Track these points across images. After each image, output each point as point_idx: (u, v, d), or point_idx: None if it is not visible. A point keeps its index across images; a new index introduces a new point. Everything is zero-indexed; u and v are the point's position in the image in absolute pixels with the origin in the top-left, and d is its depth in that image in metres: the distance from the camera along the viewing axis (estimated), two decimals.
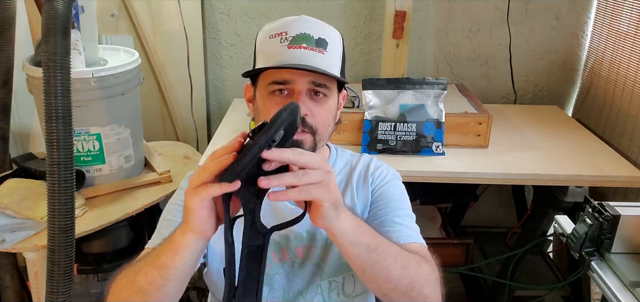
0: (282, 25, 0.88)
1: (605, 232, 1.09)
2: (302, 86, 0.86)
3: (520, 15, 1.99)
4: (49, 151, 1.12)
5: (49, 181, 1.13)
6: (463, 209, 2.10)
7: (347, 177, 0.99)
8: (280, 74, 0.85)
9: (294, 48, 0.85)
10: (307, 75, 0.85)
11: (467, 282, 2.06)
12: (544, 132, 1.73)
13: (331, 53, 0.88)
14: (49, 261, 1.15)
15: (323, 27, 0.89)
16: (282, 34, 0.86)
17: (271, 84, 0.86)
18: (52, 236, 1.14)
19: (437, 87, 1.51)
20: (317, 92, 0.88)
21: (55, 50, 1.08)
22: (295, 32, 0.86)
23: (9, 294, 1.63)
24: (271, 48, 0.87)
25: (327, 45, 0.88)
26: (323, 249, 0.93)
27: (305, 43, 0.85)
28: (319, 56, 0.86)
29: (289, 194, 0.64)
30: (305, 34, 0.86)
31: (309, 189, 0.64)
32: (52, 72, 1.08)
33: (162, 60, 1.97)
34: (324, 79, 0.87)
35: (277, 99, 0.87)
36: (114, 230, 1.41)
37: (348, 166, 1.02)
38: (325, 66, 0.85)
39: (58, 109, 1.10)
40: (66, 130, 1.12)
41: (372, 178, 0.98)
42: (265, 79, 0.88)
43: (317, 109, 0.88)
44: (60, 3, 1.09)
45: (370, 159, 1.03)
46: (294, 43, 0.85)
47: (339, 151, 1.04)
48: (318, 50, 0.86)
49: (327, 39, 0.88)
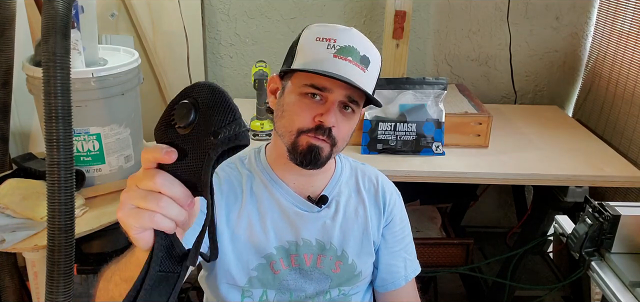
0: (331, 31, 0.87)
1: (605, 232, 1.09)
2: (337, 97, 0.85)
3: (520, 15, 1.99)
4: (48, 151, 1.11)
5: (48, 181, 1.12)
6: (463, 209, 2.10)
7: (356, 187, 1.00)
8: (320, 80, 0.85)
9: (340, 58, 0.84)
10: (346, 88, 0.85)
11: (467, 282, 2.06)
12: (544, 132, 1.73)
13: (371, 72, 0.88)
14: (49, 261, 1.15)
15: (369, 44, 0.89)
16: (330, 40, 0.85)
17: (308, 86, 0.85)
18: (52, 236, 1.14)
19: (437, 87, 1.51)
20: (347, 107, 0.88)
21: (55, 50, 1.08)
22: (343, 42, 0.85)
23: (9, 294, 1.63)
24: (317, 51, 0.86)
25: (369, 64, 0.87)
26: (334, 261, 0.94)
27: (351, 56, 0.85)
28: (361, 73, 0.86)
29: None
30: (353, 47, 0.86)
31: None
32: (52, 72, 1.08)
33: (162, 60, 1.97)
34: (358, 96, 0.87)
35: (309, 102, 0.86)
36: (114, 230, 1.41)
37: (353, 175, 1.02)
38: (364, 84, 0.85)
39: (58, 109, 1.09)
40: (66, 131, 1.11)
41: (384, 202, 1.01)
42: (302, 78, 0.86)
43: (343, 123, 0.88)
44: (60, 3, 1.09)
45: (377, 174, 1.04)
46: (341, 53, 0.85)
47: (342, 158, 1.04)
48: (361, 67, 0.86)
49: (370, 57, 0.88)
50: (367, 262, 0.98)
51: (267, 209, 0.92)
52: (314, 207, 0.94)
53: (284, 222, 0.92)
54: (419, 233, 1.78)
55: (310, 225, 0.93)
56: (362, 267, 0.97)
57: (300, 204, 0.94)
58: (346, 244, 0.95)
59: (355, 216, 0.97)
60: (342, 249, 0.95)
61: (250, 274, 0.90)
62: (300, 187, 0.95)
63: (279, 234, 0.92)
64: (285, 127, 0.88)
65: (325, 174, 0.97)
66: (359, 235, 0.97)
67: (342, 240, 0.95)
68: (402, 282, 1.01)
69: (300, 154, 0.86)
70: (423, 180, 1.45)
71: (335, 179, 0.98)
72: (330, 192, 0.97)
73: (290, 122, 0.87)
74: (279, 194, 0.93)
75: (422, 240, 1.71)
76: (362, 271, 0.97)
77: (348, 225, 0.96)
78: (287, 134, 0.88)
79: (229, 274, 0.90)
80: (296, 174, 0.94)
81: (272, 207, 0.92)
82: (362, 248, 0.97)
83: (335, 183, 0.98)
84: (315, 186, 0.96)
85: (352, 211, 0.97)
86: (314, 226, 0.94)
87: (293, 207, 0.93)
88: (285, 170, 0.94)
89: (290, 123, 0.87)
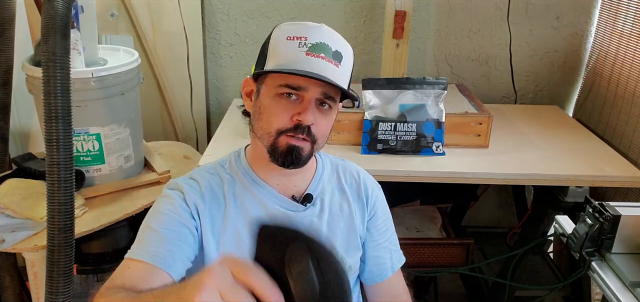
0: (302, 29, 0.86)
1: (605, 233, 1.09)
2: (313, 95, 0.85)
3: (520, 15, 1.99)
4: (48, 151, 1.12)
5: (48, 181, 1.13)
6: (463, 209, 2.10)
7: (338, 184, 1.01)
8: (296, 80, 0.84)
9: (312, 56, 0.84)
10: (321, 85, 0.85)
11: (467, 282, 2.06)
12: (544, 132, 1.73)
13: (344, 67, 0.88)
14: (49, 261, 1.15)
15: (340, 40, 0.89)
16: (302, 39, 0.85)
17: (283, 86, 0.85)
18: (51, 236, 1.14)
19: (437, 87, 1.51)
20: (324, 103, 0.88)
21: (55, 50, 1.08)
22: (315, 39, 0.85)
23: (9, 295, 1.63)
24: (289, 50, 0.85)
25: (342, 59, 0.87)
26: None
27: (323, 53, 0.85)
28: (335, 69, 0.86)
29: None
30: (325, 43, 0.85)
31: None
32: (51, 72, 1.08)
33: (162, 60, 1.97)
34: (334, 92, 0.87)
35: (285, 102, 0.86)
36: (114, 230, 1.41)
37: (334, 171, 1.03)
38: (338, 79, 0.85)
39: (58, 109, 1.10)
40: (66, 131, 1.12)
41: (366, 196, 1.02)
42: (276, 79, 0.86)
43: (321, 120, 0.88)
44: (60, 3, 1.09)
45: (358, 170, 1.06)
46: (313, 50, 0.84)
47: (322, 155, 1.04)
48: (334, 63, 0.86)
49: (343, 53, 0.88)
50: (355, 256, 1.00)
51: (252, 214, 0.92)
52: (299, 206, 0.94)
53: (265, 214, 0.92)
54: (419, 233, 1.77)
55: (297, 224, 0.93)
56: (351, 262, 0.98)
57: (285, 205, 0.94)
58: (334, 240, 0.96)
59: (340, 212, 0.98)
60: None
61: None
62: (283, 187, 0.95)
63: None
64: (263, 129, 0.88)
65: (307, 173, 0.98)
66: (345, 230, 0.98)
67: (330, 236, 0.96)
68: (389, 273, 1.03)
69: (281, 155, 0.87)
70: (423, 180, 1.45)
71: (318, 177, 0.99)
72: (314, 190, 0.97)
73: (268, 123, 0.87)
74: (263, 196, 0.93)
75: (422, 240, 1.71)
76: (351, 266, 0.98)
77: (334, 221, 0.97)
78: (266, 136, 0.88)
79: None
80: (279, 175, 0.94)
81: (257, 210, 0.92)
82: (350, 243, 0.98)
83: (318, 181, 0.98)
84: (298, 185, 0.96)
85: (337, 208, 0.98)
86: (301, 225, 0.93)
87: (279, 208, 0.93)
88: (267, 171, 0.94)
89: (268, 125, 0.87)
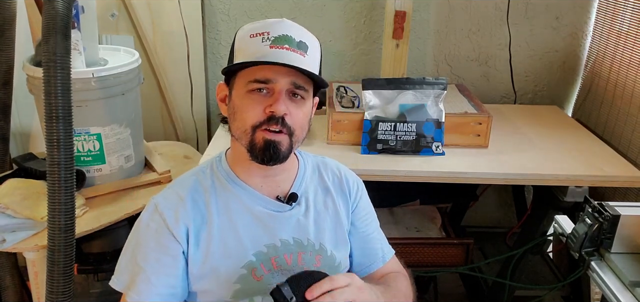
0: (263, 25, 0.87)
1: (605, 232, 1.09)
2: (283, 86, 0.86)
3: (520, 15, 1.99)
4: (49, 151, 1.12)
5: (49, 181, 1.13)
6: (463, 209, 2.10)
7: (321, 181, 1.02)
8: (263, 72, 0.85)
9: (276, 48, 0.85)
10: (289, 75, 0.85)
11: (467, 282, 2.06)
12: (544, 132, 1.73)
13: (311, 57, 0.89)
14: (49, 261, 1.15)
15: (303, 31, 0.90)
16: (264, 34, 0.86)
17: (252, 82, 0.86)
18: (52, 235, 1.14)
19: (437, 87, 1.51)
20: (296, 94, 0.88)
21: (56, 50, 1.08)
22: (277, 33, 0.86)
23: (9, 294, 1.63)
24: (252, 47, 0.86)
25: (308, 48, 0.88)
26: (314, 255, 0.95)
27: (287, 44, 0.86)
28: (301, 58, 0.86)
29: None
30: (287, 35, 0.86)
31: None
32: (52, 72, 1.09)
33: (162, 60, 1.97)
34: (303, 81, 0.88)
35: (256, 97, 0.87)
36: (114, 230, 1.41)
37: (315, 169, 1.04)
38: (306, 67, 0.86)
39: (58, 109, 1.10)
40: (66, 130, 1.12)
41: (348, 190, 1.04)
42: (244, 77, 0.87)
43: (295, 110, 0.88)
44: (60, 3, 1.09)
45: (338, 166, 1.07)
46: (276, 43, 0.85)
47: (303, 154, 1.05)
48: (299, 52, 0.86)
49: (308, 43, 0.88)
50: (344, 251, 1.00)
51: (237, 218, 0.91)
52: (285, 206, 0.94)
53: (257, 227, 0.92)
54: (419, 233, 1.78)
55: (284, 224, 0.94)
56: (341, 257, 0.99)
57: (270, 206, 0.94)
58: (322, 237, 0.96)
59: (325, 208, 0.99)
60: (319, 242, 0.95)
61: (233, 288, 0.89)
62: (267, 188, 0.95)
63: (254, 240, 0.91)
64: (239, 128, 0.89)
65: (290, 173, 0.98)
66: (332, 226, 0.98)
67: (318, 234, 0.96)
68: (380, 263, 1.04)
69: (260, 152, 0.87)
70: (423, 180, 1.45)
71: (300, 176, 0.99)
72: (298, 189, 0.97)
73: (242, 121, 0.88)
74: (248, 199, 0.93)
75: (422, 240, 1.71)
76: (341, 261, 0.99)
77: (321, 218, 0.97)
78: (243, 134, 0.88)
79: (211, 293, 0.89)
80: (261, 177, 0.94)
81: (242, 214, 0.92)
82: (338, 238, 0.99)
83: (301, 180, 0.99)
84: (281, 185, 0.96)
85: (322, 204, 0.99)
86: (288, 225, 0.94)
87: (264, 210, 0.93)
88: (250, 173, 0.94)
89: (242, 122, 0.88)
